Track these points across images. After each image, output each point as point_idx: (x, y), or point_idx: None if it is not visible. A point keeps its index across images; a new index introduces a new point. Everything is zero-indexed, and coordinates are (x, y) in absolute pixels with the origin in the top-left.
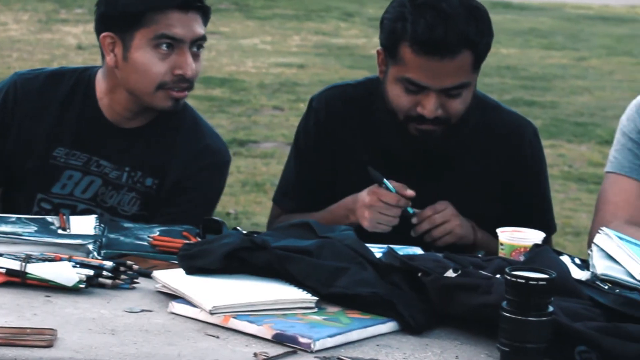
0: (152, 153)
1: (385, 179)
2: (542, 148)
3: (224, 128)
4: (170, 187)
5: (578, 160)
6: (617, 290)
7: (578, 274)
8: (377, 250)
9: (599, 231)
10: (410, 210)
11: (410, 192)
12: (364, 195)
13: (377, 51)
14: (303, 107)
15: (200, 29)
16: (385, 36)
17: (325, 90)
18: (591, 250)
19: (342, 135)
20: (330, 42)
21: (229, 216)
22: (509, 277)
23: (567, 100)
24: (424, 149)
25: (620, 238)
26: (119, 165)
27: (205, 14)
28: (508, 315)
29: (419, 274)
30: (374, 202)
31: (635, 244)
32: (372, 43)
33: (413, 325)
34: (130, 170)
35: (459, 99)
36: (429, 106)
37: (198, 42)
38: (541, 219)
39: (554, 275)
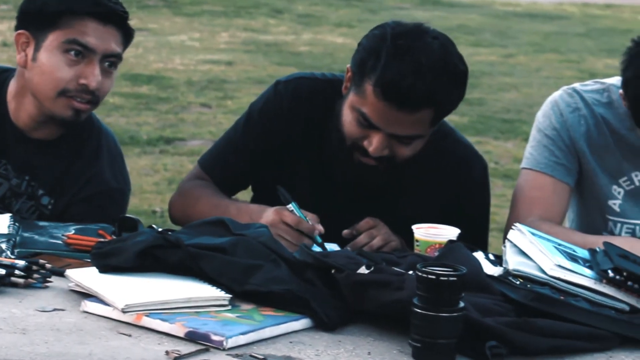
0: (51, 171)
1: (293, 202)
2: (489, 184)
3: (151, 125)
4: (63, 210)
5: (504, 156)
6: (529, 286)
7: (491, 269)
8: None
9: (513, 227)
10: (319, 239)
11: (319, 228)
12: (269, 213)
13: (347, 67)
14: (231, 104)
15: (116, 46)
16: (355, 63)
17: (294, 78)
18: (505, 246)
19: (294, 134)
20: (258, 39)
21: (155, 214)
22: (420, 273)
23: (494, 97)
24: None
25: (533, 234)
26: (19, 173)
27: (126, 34)
28: (419, 311)
29: (333, 271)
30: (275, 223)
31: (548, 240)
32: (300, 40)
33: (326, 322)
34: (30, 180)
35: (408, 146)
36: (376, 145)
37: (111, 59)
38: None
39: (464, 271)
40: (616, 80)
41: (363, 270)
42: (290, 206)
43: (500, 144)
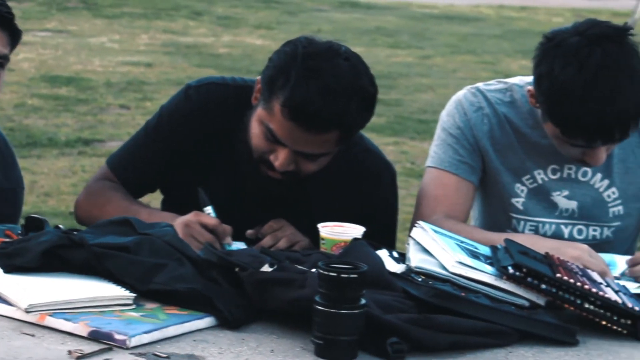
0: None
1: (211, 206)
2: (397, 191)
3: (70, 127)
4: None
5: (420, 157)
6: (430, 283)
7: (394, 267)
8: None
9: (416, 225)
10: (227, 246)
11: (228, 240)
12: (187, 215)
13: (258, 79)
14: (150, 105)
15: (2, 48)
16: (265, 79)
17: (205, 83)
18: (408, 244)
19: (203, 139)
20: (178, 41)
21: (72, 215)
22: (321, 271)
23: (411, 97)
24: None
25: (436, 231)
26: None
27: (13, 36)
28: (321, 308)
29: (236, 269)
30: (191, 223)
31: (450, 237)
32: (220, 42)
33: (230, 320)
34: None
35: (314, 162)
36: (282, 160)
37: None
38: None
39: (365, 269)
40: (519, 79)
41: (266, 268)
42: (208, 209)
43: (417, 144)
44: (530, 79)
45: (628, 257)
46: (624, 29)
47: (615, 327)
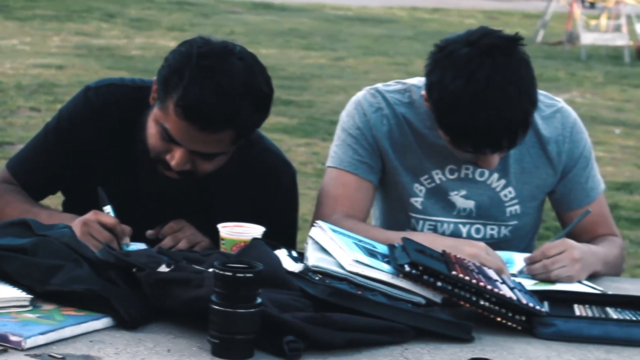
0: None
1: (110, 205)
2: (297, 190)
3: None
4: None
5: None
6: (327, 281)
7: (292, 266)
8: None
9: (314, 224)
10: (125, 247)
11: (127, 240)
12: (86, 215)
13: (154, 80)
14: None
15: None
16: (160, 79)
17: (104, 84)
18: (307, 243)
19: (103, 140)
20: (90, 43)
21: None
22: (217, 271)
23: (324, 99)
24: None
25: (334, 231)
26: None
27: None
28: (217, 307)
29: (134, 270)
30: (89, 222)
31: (348, 236)
32: (132, 44)
33: (127, 320)
34: None
35: (211, 161)
36: (178, 160)
37: None
38: None
39: (261, 268)
40: (417, 80)
41: (163, 268)
42: (107, 208)
43: (328, 146)
44: None
45: (526, 255)
46: (515, 39)
47: (510, 324)
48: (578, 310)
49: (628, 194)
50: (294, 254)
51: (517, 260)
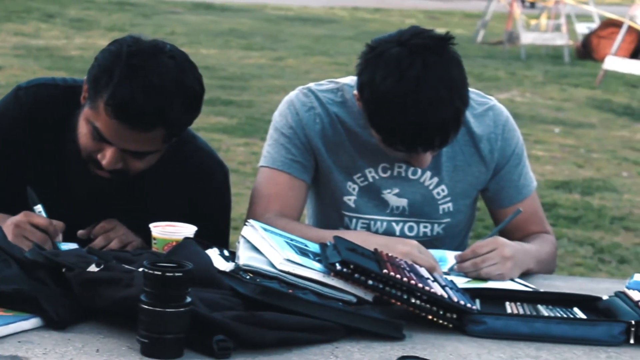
0: None
1: (40, 204)
2: (229, 189)
3: None
4: None
5: None
6: (258, 280)
7: (223, 265)
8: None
9: (246, 223)
10: (60, 245)
11: (59, 237)
12: (17, 216)
13: (85, 80)
14: None
15: None
16: (90, 78)
17: (35, 84)
18: (238, 242)
19: (34, 140)
20: (29, 44)
21: None
22: (146, 270)
23: (263, 99)
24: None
25: (265, 230)
26: None
27: None
28: (146, 307)
29: (63, 270)
30: (22, 223)
31: (280, 235)
32: (72, 44)
33: (57, 321)
34: None
35: (142, 160)
36: (109, 159)
37: None
38: None
39: (190, 267)
40: (350, 79)
41: (93, 268)
42: (39, 207)
43: None
44: None
45: (458, 253)
46: (445, 39)
47: (441, 322)
48: (509, 307)
49: (567, 192)
50: (226, 253)
51: (449, 258)
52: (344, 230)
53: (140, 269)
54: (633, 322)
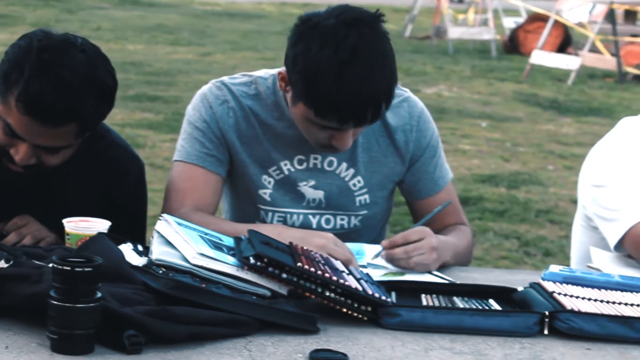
0: None
1: None
2: (145, 183)
3: None
4: None
5: None
6: (170, 275)
7: (136, 260)
8: None
9: (160, 218)
10: None
11: None
12: None
13: None
14: None
15: None
16: (0, 74)
17: None
18: (152, 237)
19: None
20: None
21: None
22: (55, 265)
23: (190, 95)
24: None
25: (179, 224)
26: None
27: None
28: (55, 302)
29: None
30: None
31: (194, 229)
32: None
33: None
34: None
35: (56, 155)
36: (22, 154)
37: None
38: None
39: (100, 262)
40: (263, 72)
41: (2, 264)
42: None
43: None
44: (274, 71)
45: (376, 246)
46: (377, 15)
47: (355, 314)
48: (425, 300)
49: (493, 186)
50: (140, 247)
51: (367, 251)
52: (260, 224)
53: (50, 265)
54: (547, 313)
